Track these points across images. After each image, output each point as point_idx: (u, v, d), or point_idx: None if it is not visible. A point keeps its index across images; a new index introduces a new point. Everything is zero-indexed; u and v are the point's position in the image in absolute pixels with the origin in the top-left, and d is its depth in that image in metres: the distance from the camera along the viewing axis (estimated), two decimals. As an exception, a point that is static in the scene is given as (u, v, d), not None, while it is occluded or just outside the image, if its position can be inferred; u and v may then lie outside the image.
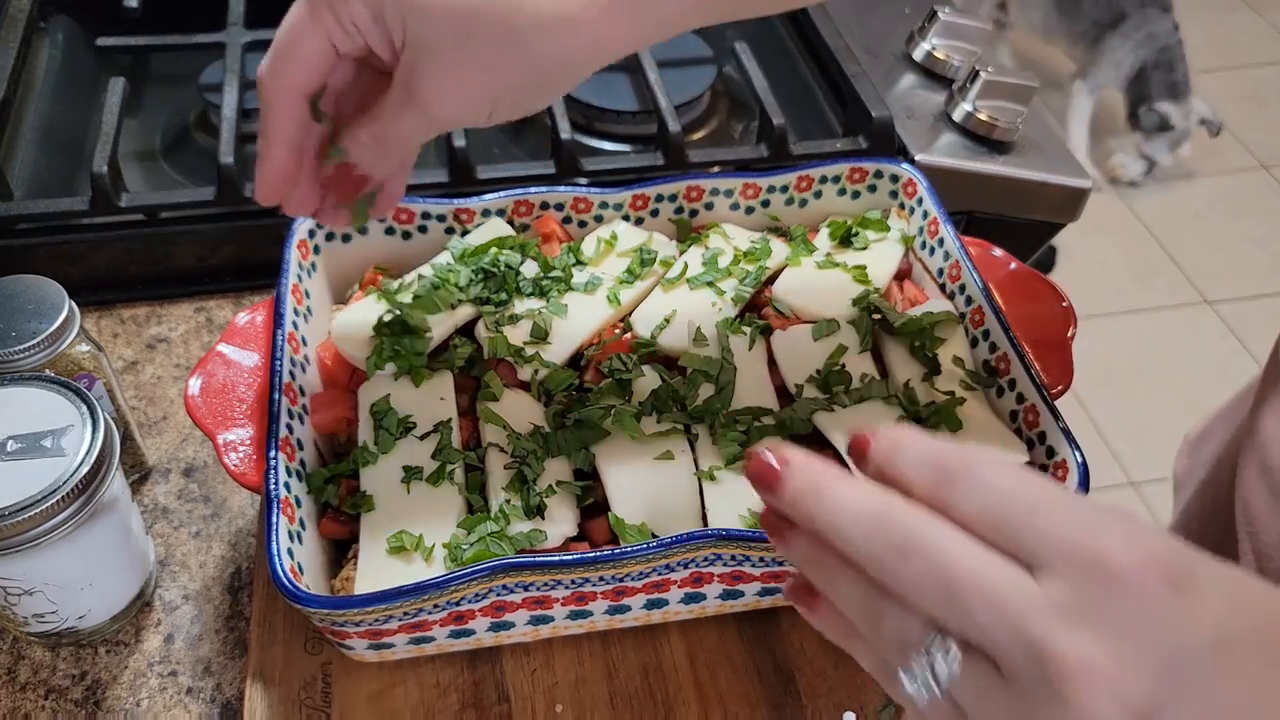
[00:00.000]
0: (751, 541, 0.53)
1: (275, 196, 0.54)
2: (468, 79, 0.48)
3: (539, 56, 0.48)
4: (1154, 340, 2.40)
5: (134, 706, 0.59)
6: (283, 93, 0.51)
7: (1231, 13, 2.68)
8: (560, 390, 0.63)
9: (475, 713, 0.58)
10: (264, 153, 0.52)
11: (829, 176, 0.75)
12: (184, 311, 0.81)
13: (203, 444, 0.72)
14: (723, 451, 0.59)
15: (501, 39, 0.47)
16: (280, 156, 0.52)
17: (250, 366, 0.62)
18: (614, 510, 0.56)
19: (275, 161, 0.52)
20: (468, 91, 0.49)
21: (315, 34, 0.49)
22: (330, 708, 0.57)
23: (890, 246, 0.73)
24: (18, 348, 0.58)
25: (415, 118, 0.50)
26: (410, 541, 0.55)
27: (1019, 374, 0.63)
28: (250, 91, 0.91)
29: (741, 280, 0.69)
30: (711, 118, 1.00)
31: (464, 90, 0.49)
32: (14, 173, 0.83)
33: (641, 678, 0.60)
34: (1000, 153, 0.90)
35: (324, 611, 0.51)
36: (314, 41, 0.49)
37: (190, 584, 0.65)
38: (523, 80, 0.49)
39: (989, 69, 0.89)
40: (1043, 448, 0.60)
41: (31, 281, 0.62)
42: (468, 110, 0.50)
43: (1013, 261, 0.72)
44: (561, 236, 0.72)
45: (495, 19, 0.47)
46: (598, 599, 0.55)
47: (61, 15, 0.99)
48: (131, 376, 0.76)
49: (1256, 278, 2.54)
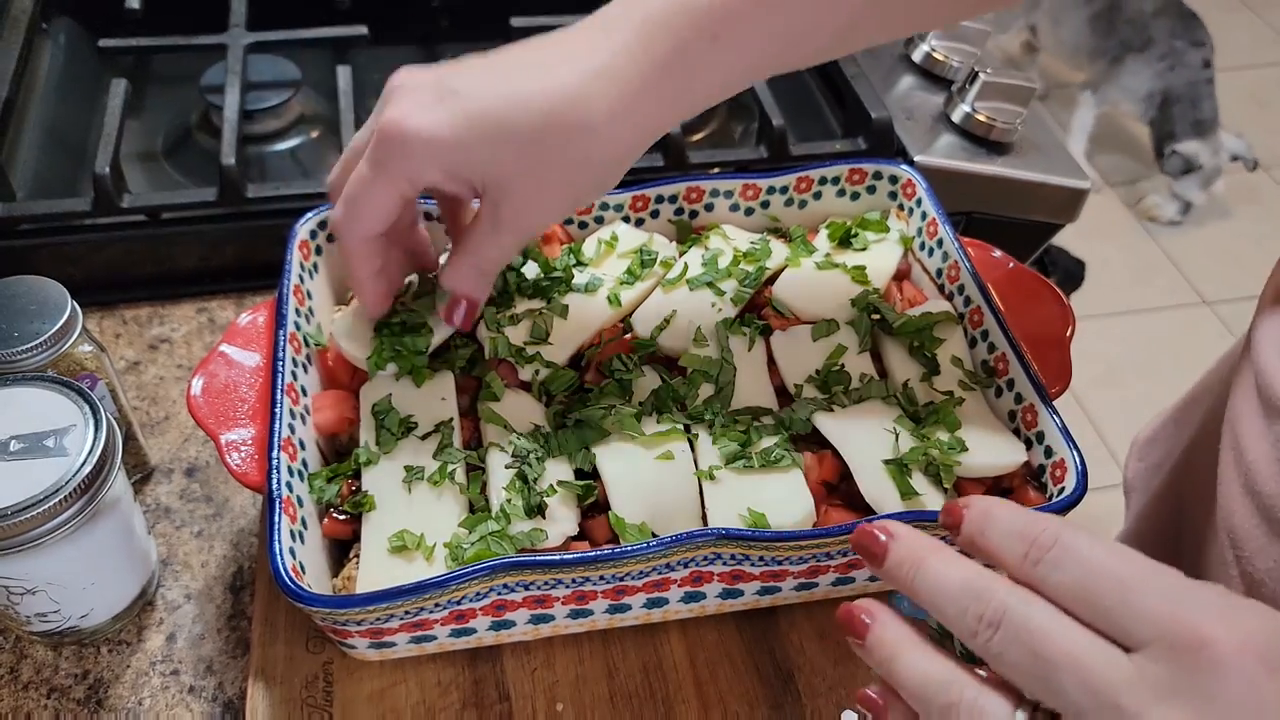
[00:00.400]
0: (751, 541, 0.53)
1: (385, 307, 0.61)
2: (548, 197, 0.52)
3: (605, 157, 0.52)
4: (1153, 340, 2.40)
5: (136, 705, 0.59)
6: (359, 240, 0.55)
7: (1231, 13, 2.68)
8: (561, 390, 0.63)
9: (476, 711, 0.58)
10: (357, 285, 0.59)
11: (828, 178, 0.75)
12: (186, 312, 0.81)
13: (205, 444, 0.72)
14: (722, 451, 0.59)
15: (571, 159, 0.50)
16: (372, 285, 0.59)
17: (252, 367, 0.62)
18: (614, 510, 0.57)
19: (370, 290, 0.59)
20: (550, 207, 0.54)
21: (388, 191, 0.52)
22: (332, 706, 0.57)
23: (889, 247, 0.73)
24: (20, 348, 0.59)
25: (506, 241, 0.54)
26: (411, 541, 0.55)
27: (1017, 374, 0.63)
28: (251, 93, 0.91)
29: (741, 281, 0.69)
30: (711, 119, 1.00)
31: (547, 207, 0.53)
32: (16, 173, 0.83)
33: (642, 676, 0.60)
34: (999, 154, 0.90)
35: (326, 610, 0.51)
36: (386, 197, 0.52)
37: (192, 583, 0.65)
38: (594, 180, 0.53)
39: (987, 70, 0.90)
40: (1041, 447, 0.60)
41: (34, 282, 0.62)
42: (550, 220, 0.56)
43: (1011, 262, 0.73)
44: (562, 238, 0.72)
45: (562, 142, 0.50)
46: (598, 598, 0.55)
47: (64, 17, 0.99)
48: (134, 377, 0.76)
49: (1255, 278, 2.54)
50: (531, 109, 0.49)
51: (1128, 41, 2.52)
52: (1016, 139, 0.91)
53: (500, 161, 0.50)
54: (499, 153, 0.50)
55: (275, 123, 0.94)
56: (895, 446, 0.60)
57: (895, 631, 0.39)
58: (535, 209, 0.53)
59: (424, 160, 0.51)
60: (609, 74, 0.50)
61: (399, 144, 0.50)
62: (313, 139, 0.96)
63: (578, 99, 0.49)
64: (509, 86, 0.50)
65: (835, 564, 0.57)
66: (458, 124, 0.50)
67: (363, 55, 0.99)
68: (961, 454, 0.60)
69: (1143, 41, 2.50)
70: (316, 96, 0.98)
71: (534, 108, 0.49)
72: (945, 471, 0.59)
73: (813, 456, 0.60)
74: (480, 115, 0.50)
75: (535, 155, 0.50)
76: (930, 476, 0.59)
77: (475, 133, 0.50)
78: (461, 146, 0.50)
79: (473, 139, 0.50)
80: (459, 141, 0.50)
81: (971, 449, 0.60)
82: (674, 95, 0.51)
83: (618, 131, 0.50)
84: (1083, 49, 2.62)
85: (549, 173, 0.51)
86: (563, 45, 0.51)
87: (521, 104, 0.49)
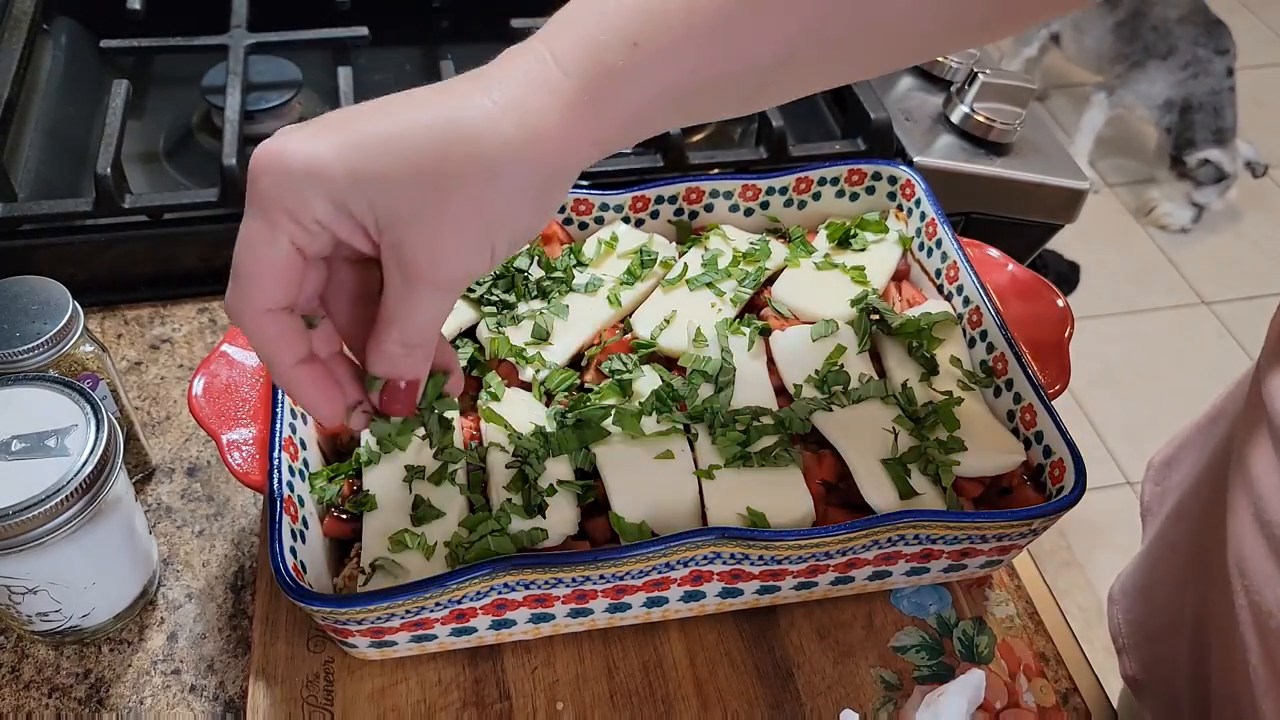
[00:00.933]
0: (750, 540, 0.53)
1: (334, 414, 0.48)
2: (458, 233, 0.43)
3: (516, 181, 0.43)
4: (1151, 340, 2.40)
5: (137, 705, 0.60)
6: (257, 317, 0.45)
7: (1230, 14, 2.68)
8: (561, 390, 0.63)
9: (476, 710, 0.58)
10: (283, 384, 0.47)
11: (828, 178, 0.75)
12: (187, 312, 0.81)
13: (206, 444, 0.73)
14: (722, 451, 0.60)
15: (476, 180, 0.43)
16: (297, 376, 0.47)
17: (253, 367, 0.63)
18: (614, 509, 0.57)
19: (297, 383, 0.47)
20: (463, 246, 0.44)
21: (275, 243, 0.44)
22: (332, 705, 0.58)
23: (888, 248, 0.73)
24: (22, 348, 0.59)
25: (424, 298, 0.45)
26: (412, 540, 0.55)
27: (1016, 374, 0.63)
28: (252, 94, 0.92)
29: (741, 281, 0.70)
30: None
31: (460, 246, 0.44)
32: (18, 174, 0.83)
33: (642, 675, 0.60)
34: (998, 154, 0.90)
35: (327, 610, 0.51)
36: (276, 252, 0.44)
37: (193, 583, 0.65)
38: (509, 213, 0.44)
39: (986, 71, 0.90)
40: (1040, 447, 0.61)
41: (35, 282, 0.62)
42: (470, 264, 0.45)
43: (1010, 262, 0.73)
44: (562, 238, 0.73)
45: (463, 160, 0.42)
46: (598, 597, 0.56)
47: (65, 17, 0.99)
48: (135, 377, 0.77)
49: (1254, 279, 2.55)
50: (421, 126, 0.42)
51: (1151, 48, 2.51)
52: (1015, 140, 0.91)
53: (392, 191, 0.42)
54: (390, 180, 0.42)
55: (276, 123, 0.94)
56: (894, 446, 0.60)
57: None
58: (446, 248, 0.44)
59: (305, 190, 0.42)
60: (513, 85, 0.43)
61: (277, 174, 0.42)
62: (313, 140, 0.96)
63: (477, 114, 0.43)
64: (399, 108, 0.44)
65: (834, 563, 0.57)
66: (341, 146, 0.42)
67: (363, 56, 1.00)
68: (960, 454, 0.60)
69: (1166, 49, 2.50)
70: (317, 97, 0.98)
71: (424, 124, 0.43)
72: (944, 471, 0.59)
73: (812, 456, 0.61)
74: (367, 138, 0.42)
75: (435, 176, 0.42)
76: (929, 476, 0.59)
77: (360, 155, 0.42)
78: (347, 170, 0.42)
79: (358, 161, 0.42)
80: (344, 164, 0.42)
81: (970, 449, 0.60)
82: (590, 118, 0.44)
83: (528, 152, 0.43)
84: (1105, 55, 2.61)
85: (455, 199, 0.43)
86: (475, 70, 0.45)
87: (411, 124, 0.43)
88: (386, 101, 0.44)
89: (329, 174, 0.42)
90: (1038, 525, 0.57)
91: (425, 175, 0.42)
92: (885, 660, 0.62)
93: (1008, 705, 0.60)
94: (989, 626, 0.64)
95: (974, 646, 0.63)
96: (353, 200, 0.42)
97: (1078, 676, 0.63)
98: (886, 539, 0.56)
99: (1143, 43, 2.52)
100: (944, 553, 0.59)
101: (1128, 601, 0.72)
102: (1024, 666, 0.62)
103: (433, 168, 0.42)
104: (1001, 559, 0.61)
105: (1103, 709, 0.62)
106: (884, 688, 0.61)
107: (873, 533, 0.54)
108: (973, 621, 0.64)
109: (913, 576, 0.61)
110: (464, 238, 0.44)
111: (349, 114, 0.44)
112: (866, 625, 0.63)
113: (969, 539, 0.57)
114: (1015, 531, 0.57)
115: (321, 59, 0.97)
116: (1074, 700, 0.62)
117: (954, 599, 0.65)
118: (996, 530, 0.57)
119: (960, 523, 0.56)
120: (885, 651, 0.62)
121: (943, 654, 0.62)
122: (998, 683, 0.61)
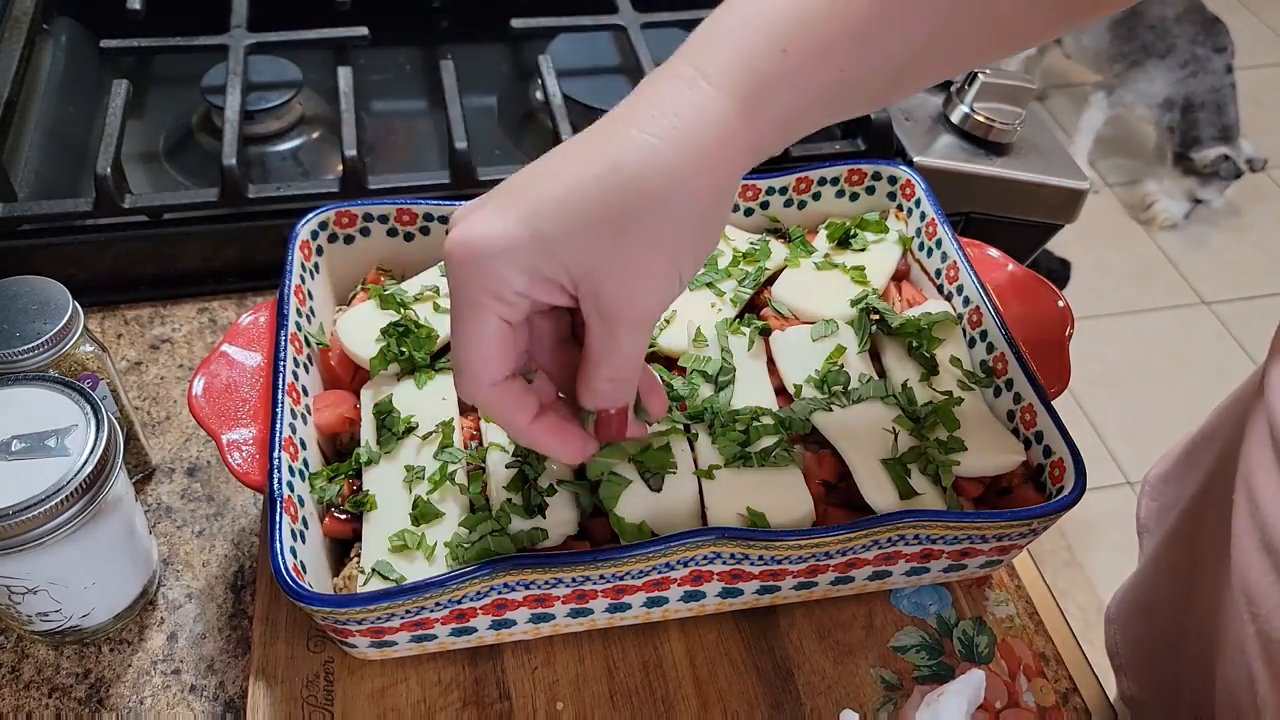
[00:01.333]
0: (750, 540, 0.53)
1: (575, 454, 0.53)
2: (646, 270, 0.46)
3: (687, 206, 0.45)
4: (1151, 340, 2.40)
5: (137, 705, 0.60)
6: (489, 392, 0.49)
7: (1229, 14, 2.68)
8: (561, 390, 0.63)
9: (476, 710, 0.58)
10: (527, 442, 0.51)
11: (828, 178, 0.75)
12: (187, 312, 0.81)
13: (206, 444, 0.73)
14: (722, 451, 0.60)
15: (652, 216, 0.44)
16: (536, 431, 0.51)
17: (253, 367, 0.63)
18: (614, 510, 0.57)
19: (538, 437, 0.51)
20: (653, 281, 0.46)
21: (485, 323, 0.47)
22: (332, 705, 0.58)
23: (888, 248, 0.73)
24: (21, 348, 0.59)
25: (626, 335, 0.48)
26: (412, 540, 0.55)
27: (1016, 374, 0.63)
28: (252, 94, 0.92)
29: (741, 281, 0.70)
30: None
31: (650, 282, 0.46)
32: (18, 174, 0.83)
33: (642, 675, 0.60)
34: (998, 154, 0.90)
35: (326, 610, 0.51)
36: (488, 331, 0.47)
37: (193, 583, 0.65)
38: (688, 238, 0.46)
39: (986, 71, 0.90)
40: (1040, 447, 0.61)
41: (35, 282, 0.62)
42: (662, 295, 0.47)
43: (1010, 262, 0.73)
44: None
45: (636, 201, 0.44)
46: (598, 597, 0.56)
47: (65, 17, 0.99)
48: (135, 377, 0.77)
49: (1254, 278, 2.55)
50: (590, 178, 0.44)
51: (1149, 47, 2.52)
52: (1015, 139, 0.91)
53: (578, 246, 0.45)
54: (574, 237, 0.44)
55: (276, 123, 0.95)
56: (894, 446, 0.60)
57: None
58: (638, 287, 0.46)
59: (500, 268, 0.45)
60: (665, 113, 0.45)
61: (471, 262, 0.45)
62: (313, 140, 0.96)
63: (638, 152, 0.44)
64: (563, 167, 0.46)
65: (834, 563, 0.57)
66: (521, 217, 0.45)
67: (363, 56, 1.00)
68: (960, 454, 0.60)
69: (1165, 48, 2.50)
70: (317, 97, 0.98)
71: (592, 175, 0.44)
72: (944, 471, 0.59)
73: (812, 456, 0.61)
74: (545, 204, 0.45)
75: (610, 227, 0.44)
76: (929, 476, 0.59)
77: (542, 220, 0.44)
78: (534, 239, 0.44)
79: (541, 228, 0.44)
80: (530, 234, 0.44)
81: (970, 449, 0.60)
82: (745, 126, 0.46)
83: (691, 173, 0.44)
84: (1103, 54, 2.62)
85: (633, 241, 0.45)
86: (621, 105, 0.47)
87: (580, 179, 0.44)
88: (549, 162, 0.47)
89: (518, 247, 0.44)
90: (1038, 525, 0.57)
91: (605, 224, 0.44)
92: (885, 660, 0.62)
93: (1008, 705, 0.60)
94: (989, 626, 0.64)
95: (974, 646, 0.63)
96: (544, 265, 0.45)
97: (1078, 676, 0.63)
98: (886, 539, 0.56)
99: (1140, 41, 2.52)
100: (944, 553, 0.59)
101: (1126, 620, 0.72)
102: (1024, 666, 0.62)
103: (611, 215, 0.44)
104: (1001, 559, 0.61)
105: (1103, 709, 0.62)
106: (884, 688, 0.61)
107: (873, 533, 0.55)
108: (973, 621, 0.64)
109: (913, 576, 0.61)
110: (652, 272, 0.46)
111: (517, 185, 0.46)
112: (866, 625, 0.63)
113: (969, 539, 0.57)
114: (1015, 531, 0.57)
115: (321, 59, 0.97)
116: (1074, 700, 0.62)
117: (954, 599, 0.65)
118: (996, 530, 0.57)
119: (960, 523, 0.56)
120: (885, 651, 0.62)
121: (943, 654, 0.62)
122: (998, 683, 0.61)
